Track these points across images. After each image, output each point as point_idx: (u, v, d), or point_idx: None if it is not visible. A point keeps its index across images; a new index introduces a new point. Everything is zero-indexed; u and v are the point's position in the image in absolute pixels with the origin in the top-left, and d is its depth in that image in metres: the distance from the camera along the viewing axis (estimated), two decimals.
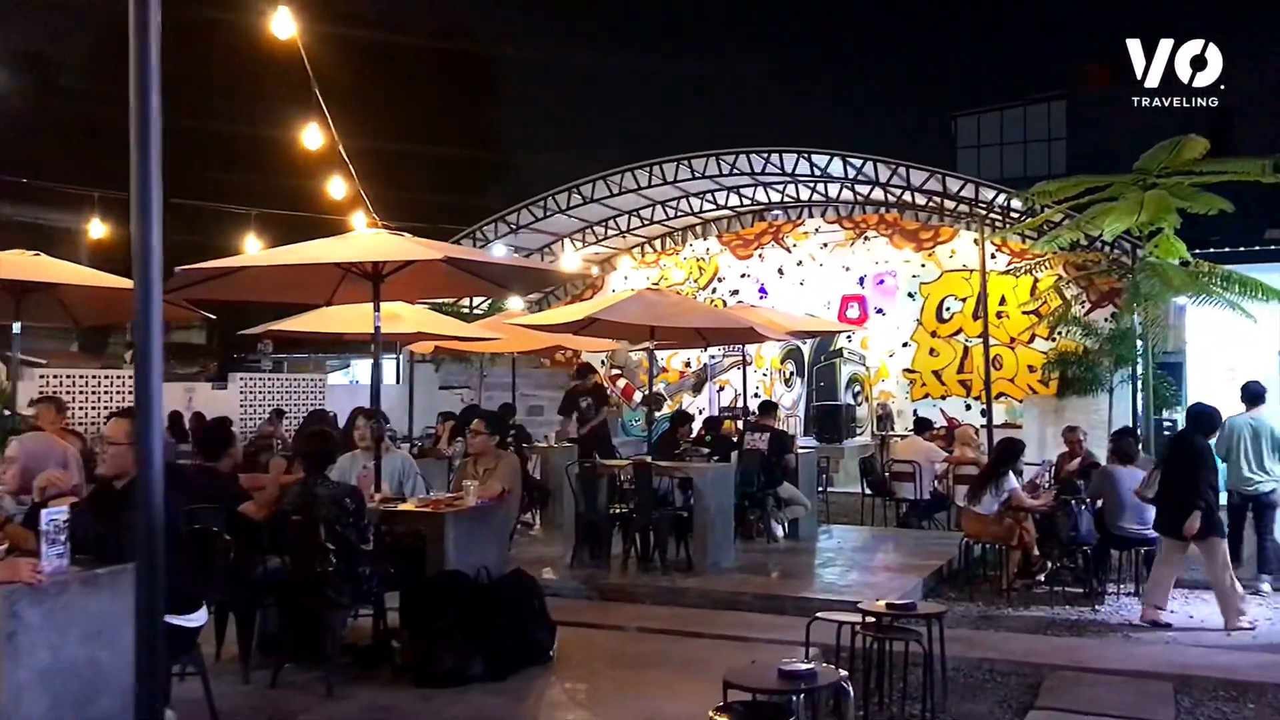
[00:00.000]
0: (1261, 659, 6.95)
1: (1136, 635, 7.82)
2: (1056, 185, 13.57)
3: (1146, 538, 9.01)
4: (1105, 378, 16.37)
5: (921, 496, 12.39)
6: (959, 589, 9.42)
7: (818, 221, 21.42)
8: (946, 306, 19.95)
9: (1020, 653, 7.08)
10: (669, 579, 9.24)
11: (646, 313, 9.69)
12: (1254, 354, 17.36)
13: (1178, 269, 13.08)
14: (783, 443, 11.37)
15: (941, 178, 18.05)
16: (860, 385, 21.05)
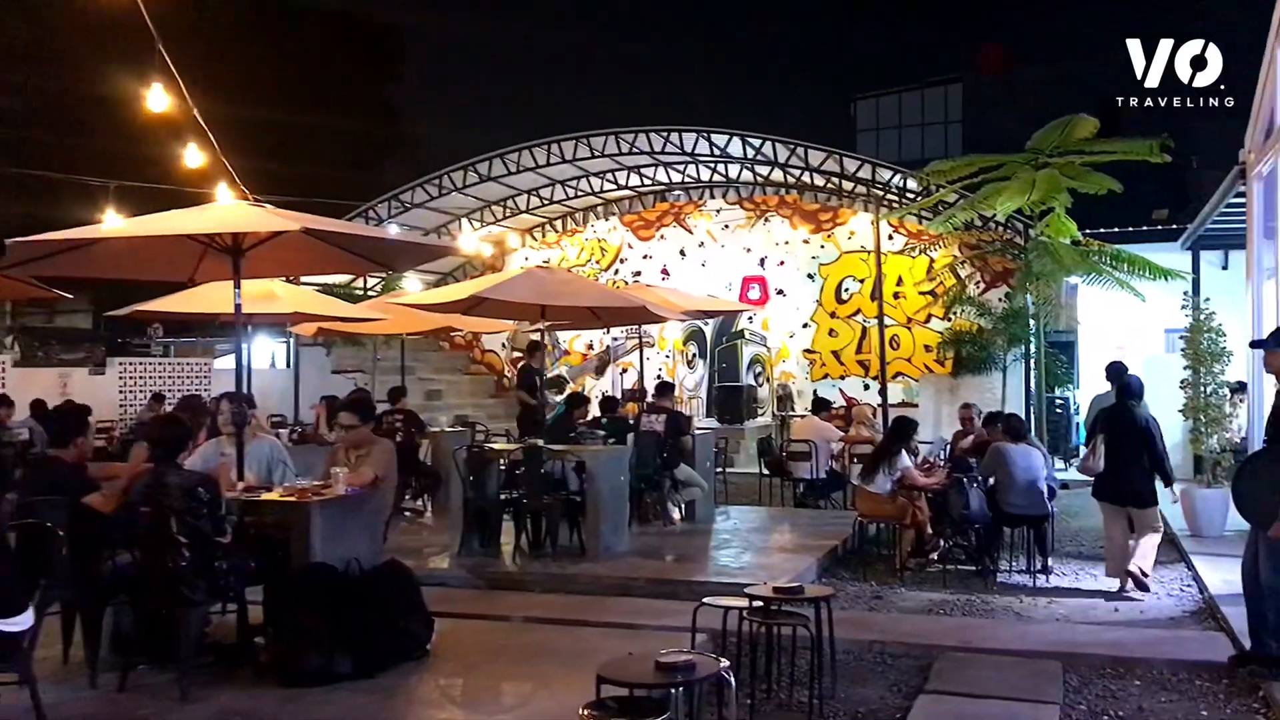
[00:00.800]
0: (1147, 635, 6.96)
1: (1027, 614, 7.79)
2: (950, 164, 13.62)
3: (1037, 515, 9.03)
4: (999, 357, 16.56)
5: (818, 476, 12.32)
6: (853, 569, 9.33)
7: (719, 203, 21.31)
8: (845, 287, 20.00)
9: (911, 634, 6.98)
10: (560, 566, 8.96)
11: (536, 291, 9.37)
12: (1143, 332, 17.77)
13: (1069, 248, 13.23)
14: (679, 424, 11.17)
15: (839, 158, 18.04)
16: (762, 366, 21.05)
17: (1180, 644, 6.65)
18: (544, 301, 9.46)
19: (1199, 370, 10.93)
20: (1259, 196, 10.29)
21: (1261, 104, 9.71)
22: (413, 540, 10.35)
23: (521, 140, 19.26)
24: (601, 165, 19.90)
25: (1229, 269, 17.27)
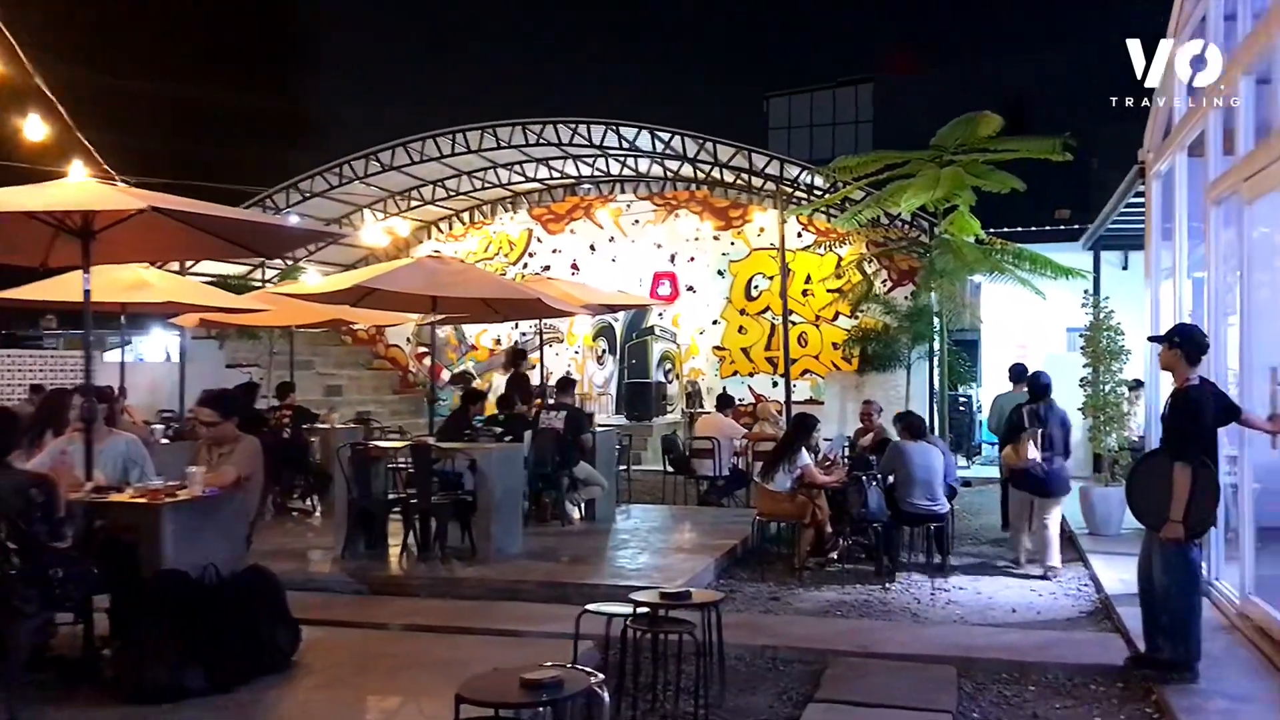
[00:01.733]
0: (1043, 637, 6.83)
1: (924, 614, 7.64)
2: (856, 160, 13.52)
3: (936, 514, 8.91)
4: (904, 354, 16.55)
5: (721, 474, 12.13)
6: (751, 569, 9.12)
7: (629, 197, 21.05)
8: (755, 284, 19.88)
9: (805, 637, 6.76)
10: (448, 569, 8.59)
11: (426, 282, 8.98)
12: (1044, 330, 17.96)
13: (972, 246, 13.22)
14: (579, 422, 10.86)
15: (748, 154, 17.89)
16: (671, 362, 20.87)
17: (1076, 646, 6.53)
18: (435, 293, 9.07)
19: (1098, 368, 10.96)
20: (1157, 195, 10.32)
21: (1159, 105, 9.71)
22: (297, 542, 9.89)
23: (427, 129, 18.76)
24: (509, 157, 19.47)
25: (1129, 269, 17.53)
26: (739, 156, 17.99)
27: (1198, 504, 5.53)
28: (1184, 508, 5.56)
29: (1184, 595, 5.63)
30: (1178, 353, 5.78)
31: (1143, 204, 11.26)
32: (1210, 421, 5.63)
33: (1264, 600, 6.49)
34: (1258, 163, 6.40)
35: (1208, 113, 7.63)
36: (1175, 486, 5.58)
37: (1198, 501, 5.52)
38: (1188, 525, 5.57)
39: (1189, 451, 5.56)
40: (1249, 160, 6.64)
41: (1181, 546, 5.64)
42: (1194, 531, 5.64)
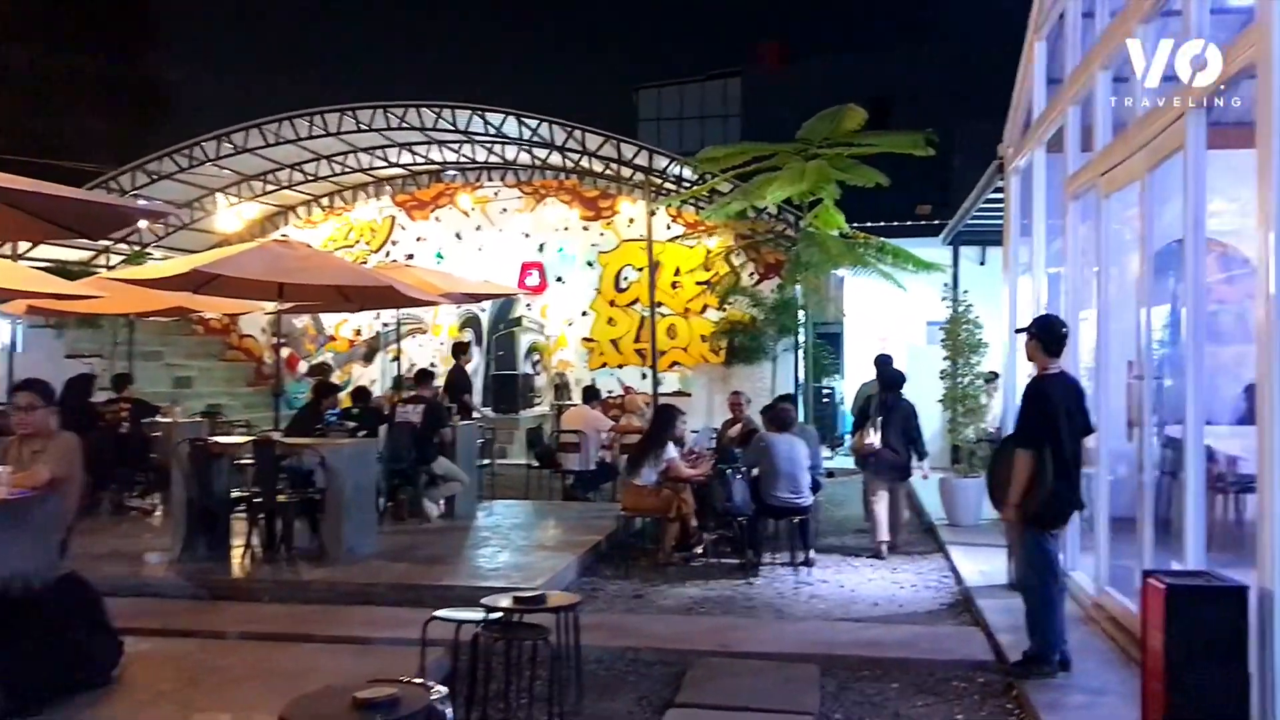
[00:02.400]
0: (905, 632, 6.77)
1: (788, 609, 7.53)
2: (723, 152, 13.44)
3: (800, 506, 8.84)
4: (770, 347, 16.59)
5: (588, 467, 11.88)
6: (616, 566, 8.89)
7: (496, 185, 20.62)
8: (624, 276, 19.69)
9: (667, 637, 6.56)
10: (294, 571, 8.13)
11: (271, 267, 8.45)
12: (906, 323, 18.25)
13: (836, 239, 13.27)
14: (438, 415, 10.46)
15: (617, 144, 17.66)
16: (539, 354, 20.54)
17: (937, 641, 6.49)
18: (281, 279, 8.55)
19: (957, 361, 11.09)
20: (1016, 190, 10.46)
21: (1019, 98, 9.84)
22: (132, 544, 9.25)
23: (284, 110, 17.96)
24: (370, 140, 18.81)
25: (986, 264, 17.94)
26: (608, 146, 17.75)
27: (1046, 492, 5.50)
28: (1021, 491, 5.56)
29: (1041, 588, 5.61)
30: (1036, 343, 5.77)
31: (1002, 200, 11.44)
32: (1056, 410, 5.56)
33: (1119, 591, 6.55)
34: (1114, 157, 6.45)
35: (1066, 108, 7.70)
36: (1015, 471, 5.58)
37: (1044, 489, 5.49)
38: (1031, 511, 5.55)
39: (1031, 438, 5.56)
40: (1106, 154, 6.69)
41: (1038, 538, 5.62)
42: (1046, 522, 5.62)
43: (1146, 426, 5.91)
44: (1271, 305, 4.06)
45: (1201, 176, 5.03)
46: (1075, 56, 7.64)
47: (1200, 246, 5.07)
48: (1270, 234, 4.11)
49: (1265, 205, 4.13)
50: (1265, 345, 4.08)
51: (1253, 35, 4.33)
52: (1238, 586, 4.04)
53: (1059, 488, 5.54)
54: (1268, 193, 4.12)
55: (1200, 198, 5.05)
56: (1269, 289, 4.08)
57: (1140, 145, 5.87)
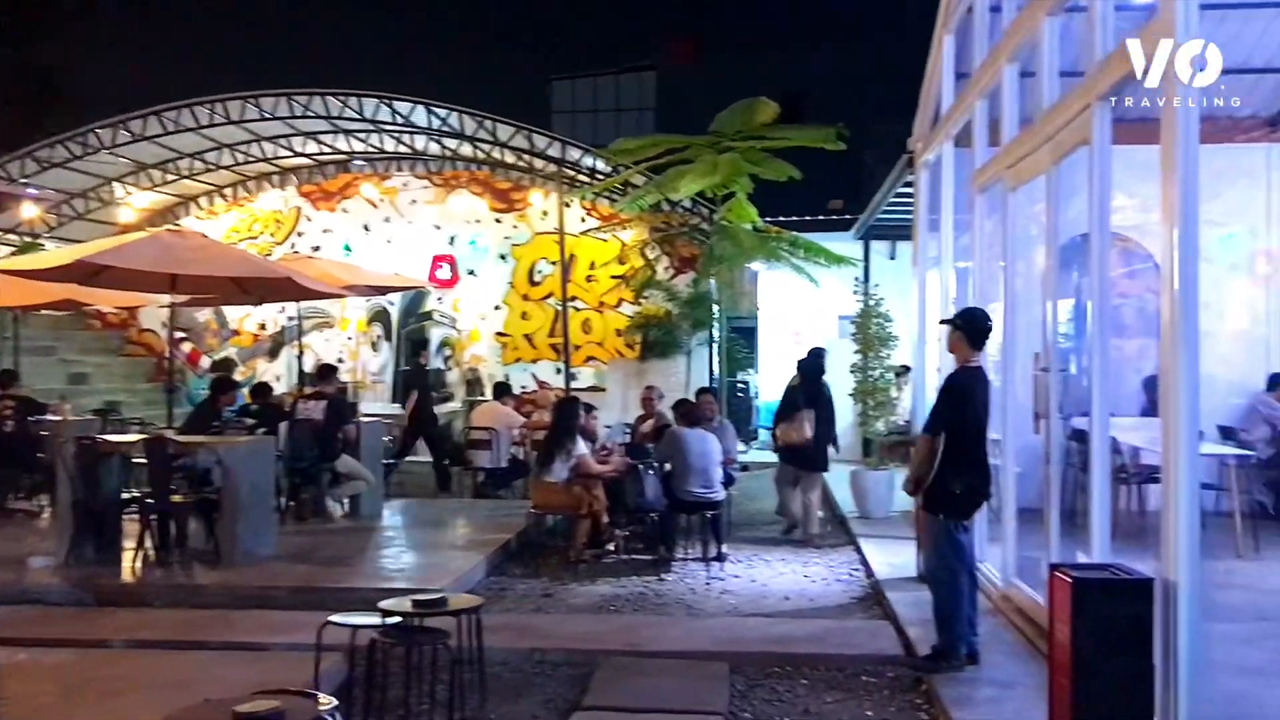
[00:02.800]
0: (815, 627, 6.71)
1: (699, 605, 7.44)
2: (636, 143, 13.30)
3: (712, 501, 8.76)
4: (684, 341, 16.53)
5: (499, 464, 11.68)
6: (526, 564, 8.72)
7: (406, 176, 20.22)
8: (538, 269, 19.47)
9: (576, 637, 6.41)
10: (188, 575, 7.81)
11: (163, 258, 8.09)
12: (818, 318, 18.37)
13: (749, 233, 13.24)
14: (341, 411, 10.16)
15: (529, 134, 17.42)
16: (451, 349, 20.20)
17: (847, 636, 6.45)
18: (173, 270, 8.20)
19: (868, 354, 11.12)
20: (925, 185, 10.53)
21: (928, 93, 9.89)
22: (15, 547, 8.83)
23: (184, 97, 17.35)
24: (274, 129, 18.27)
25: (896, 259, 18.13)
26: (519, 137, 17.51)
27: (948, 480, 5.51)
28: (918, 470, 5.64)
29: (951, 580, 5.60)
30: (960, 335, 5.75)
31: (911, 194, 11.52)
32: (974, 404, 5.57)
33: (1025, 583, 6.58)
34: (1021, 150, 6.47)
35: (973, 102, 7.72)
36: (914, 452, 5.61)
37: (946, 476, 5.51)
38: (942, 502, 5.57)
39: (936, 424, 5.60)
40: (1012, 148, 6.71)
41: (949, 530, 5.61)
42: (958, 512, 5.61)
43: (1053, 419, 5.93)
44: (1176, 300, 4.06)
45: (1107, 169, 5.04)
46: (982, 50, 7.67)
47: (1105, 239, 5.08)
48: (1174, 229, 4.10)
49: (1169, 200, 4.13)
50: (1170, 339, 4.08)
51: (1156, 28, 4.32)
52: (1143, 579, 4.03)
53: (971, 479, 5.55)
54: (1171, 189, 4.12)
55: (1105, 191, 5.06)
56: (1174, 283, 4.08)
57: (1046, 138, 5.88)
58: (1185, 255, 4.06)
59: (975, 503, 5.77)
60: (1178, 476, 4.01)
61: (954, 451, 5.53)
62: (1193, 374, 4.02)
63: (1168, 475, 4.07)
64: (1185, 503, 4.00)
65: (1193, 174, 4.07)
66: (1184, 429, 4.01)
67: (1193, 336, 4.05)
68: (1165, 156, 4.17)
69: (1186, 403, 4.01)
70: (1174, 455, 4.04)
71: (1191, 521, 3.97)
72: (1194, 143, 4.09)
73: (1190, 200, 4.07)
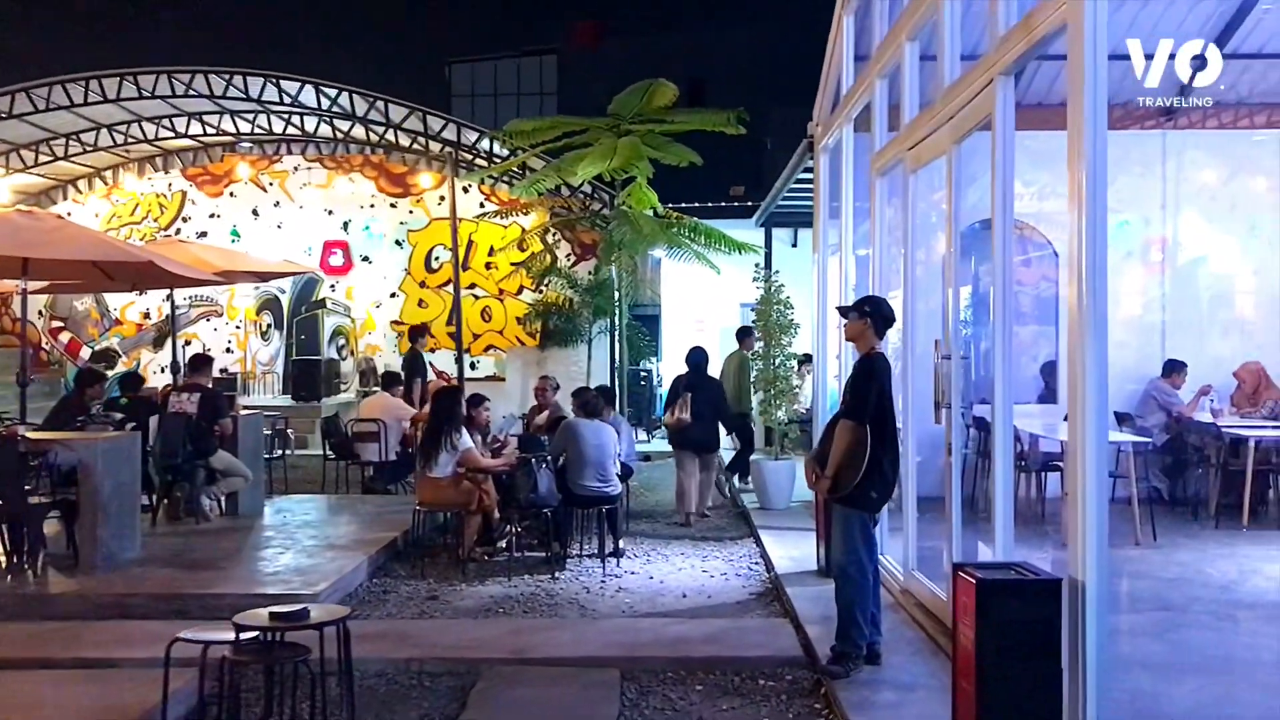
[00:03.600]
0: (711, 627, 6.42)
1: (593, 605, 7.12)
2: (532, 124, 12.89)
3: (607, 495, 8.43)
4: (585, 329, 16.19)
5: (387, 458, 11.19)
6: (412, 564, 8.29)
7: (297, 159, 19.48)
8: (435, 255, 18.94)
9: (458, 645, 6.02)
10: (40, 583, 7.21)
11: (12, 240, 7.46)
12: (720, 306, 18.23)
13: (649, 218, 12.94)
14: (217, 404, 9.57)
15: (423, 116, 16.85)
16: (345, 338, 19.57)
17: (744, 636, 6.16)
18: (24, 253, 7.57)
19: (769, 343, 10.92)
20: (825, 169, 10.34)
21: (828, 76, 9.68)
22: None
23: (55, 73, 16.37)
24: (155, 109, 17.39)
25: (798, 246, 18.06)
26: (413, 119, 16.94)
27: (875, 475, 5.25)
28: (838, 464, 5.31)
29: (860, 577, 5.35)
30: (866, 323, 5.48)
31: (812, 181, 11.35)
32: (888, 390, 5.35)
33: (926, 575, 6.41)
34: (921, 130, 6.26)
35: (873, 82, 7.51)
36: (836, 441, 5.32)
37: (872, 471, 5.23)
38: (856, 494, 5.29)
39: (860, 412, 5.29)
40: (913, 128, 6.50)
41: (861, 523, 5.37)
42: (871, 505, 5.39)
43: (954, 407, 5.73)
44: (1085, 288, 3.85)
45: (1010, 145, 4.83)
46: (882, 29, 7.46)
47: (1008, 218, 4.87)
48: (1080, 214, 3.89)
49: (1075, 182, 3.92)
50: (1078, 328, 3.87)
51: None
52: (1050, 579, 3.81)
53: (887, 471, 5.32)
54: (1078, 171, 3.90)
55: (1008, 169, 4.84)
56: (1080, 270, 3.86)
57: (947, 118, 5.67)
58: (1093, 238, 3.85)
59: (889, 495, 5.54)
60: (1085, 472, 3.79)
61: (877, 442, 5.25)
62: (1101, 367, 3.81)
63: (1074, 471, 3.86)
64: (1093, 500, 3.79)
65: (1101, 150, 3.86)
66: (1092, 427, 3.79)
67: (1102, 325, 3.85)
68: (1071, 135, 3.95)
69: (1095, 398, 3.79)
70: (1079, 451, 3.82)
71: (1100, 520, 3.76)
72: (1102, 115, 3.87)
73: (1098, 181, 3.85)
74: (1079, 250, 3.88)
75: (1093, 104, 3.84)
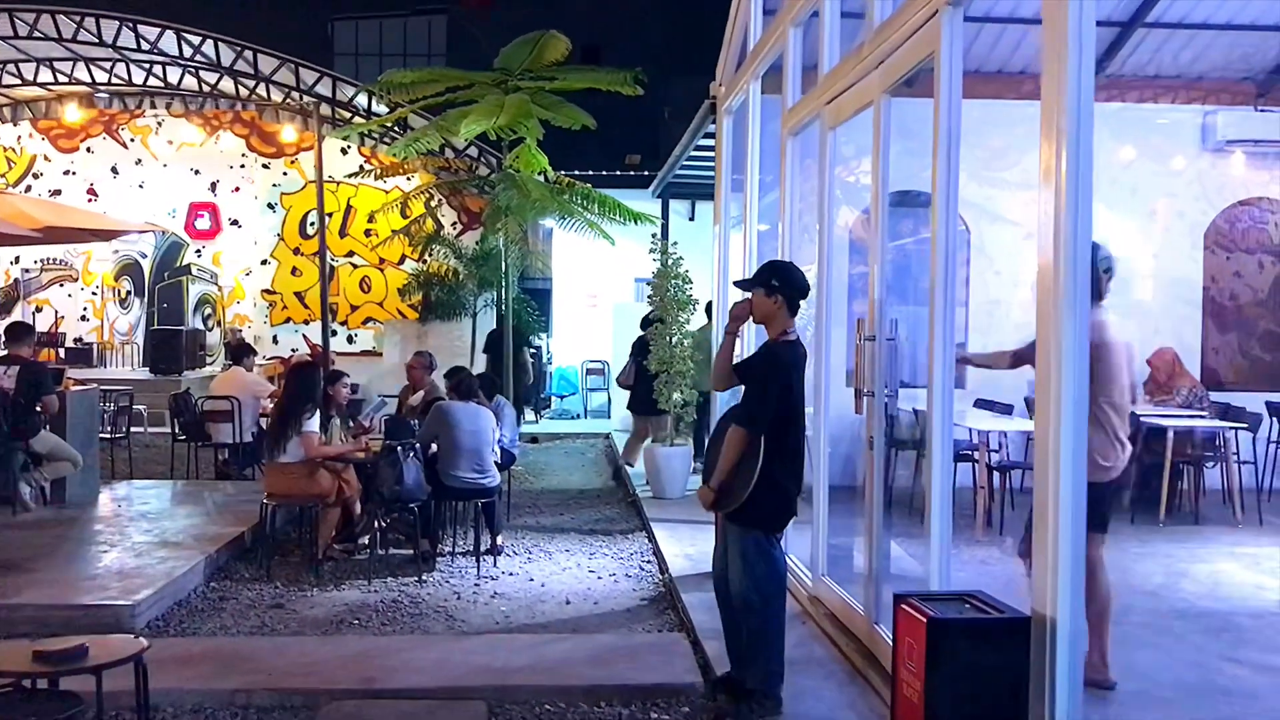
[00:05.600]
0: (597, 646, 5.52)
1: (463, 615, 6.26)
2: (412, 77, 11.81)
3: (484, 488, 7.54)
4: (470, 302, 15.20)
5: (243, 440, 10.12)
6: (259, 564, 7.28)
7: (161, 113, 18.06)
8: (311, 221, 17.75)
9: (297, 669, 5.07)
10: None
11: None
12: (614, 281, 17.44)
13: (539, 183, 12.02)
14: (38, 379, 8.37)
15: (295, 69, 15.60)
16: (212, 307, 18.28)
17: (635, 657, 5.32)
18: None
19: (666, 319, 10.14)
20: (728, 132, 9.58)
21: (734, 29, 8.90)
22: None
23: None
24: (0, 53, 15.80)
25: (696, 220, 17.35)
26: (285, 72, 15.68)
27: (762, 484, 4.36)
28: (728, 476, 4.44)
29: (765, 606, 4.50)
30: (777, 300, 4.54)
31: (713, 152, 10.60)
32: (796, 387, 4.48)
33: (837, 581, 5.70)
34: (842, 80, 5.49)
35: (786, 30, 6.73)
36: (725, 449, 4.43)
37: (759, 480, 4.35)
38: (752, 511, 4.44)
39: (756, 417, 4.40)
40: (831, 78, 5.74)
41: (762, 544, 4.53)
42: (773, 523, 4.55)
43: (878, 393, 5.02)
44: (1062, 276, 3.14)
45: (957, 92, 4.08)
46: None
47: (953, 181, 4.11)
48: (1058, 187, 3.20)
49: (1053, 156, 3.20)
50: (1053, 312, 3.15)
51: None
52: (1017, 618, 3.07)
53: (783, 482, 4.44)
54: (1057, 144, 3.18)
55: (954, 119, 4.09)
56: (1056, 255, 3.16)
57: (877, 62, 4.90)
58: (1074, 224, 3.15)
59: (792, 509, 4.63)
60: (1059, 490, 3.03)
61: (777, 448, 4.37)
62: (1081, 364, 3.10)
63: (1044, 487, 3.10)
64: (1068, 518, 3.02)
65: (1088, 117, 3.17)
66: (1070, 433, 3.05)
67: (1083, 322, 3.15)
68: (1051, 96, 3.23)
69: (1073, 388, 3.07)
70: (1054, 463, 3.06)
71: (1076, 546, 3.00)
72: (1089, 77, 3.16)
73: (1081, 155, 3.16)
74: (1054, 225, 3.18)
75: (1078, 64, 3.14)
